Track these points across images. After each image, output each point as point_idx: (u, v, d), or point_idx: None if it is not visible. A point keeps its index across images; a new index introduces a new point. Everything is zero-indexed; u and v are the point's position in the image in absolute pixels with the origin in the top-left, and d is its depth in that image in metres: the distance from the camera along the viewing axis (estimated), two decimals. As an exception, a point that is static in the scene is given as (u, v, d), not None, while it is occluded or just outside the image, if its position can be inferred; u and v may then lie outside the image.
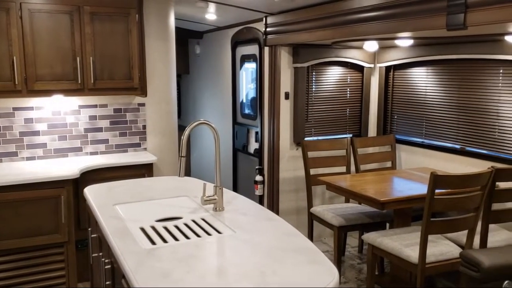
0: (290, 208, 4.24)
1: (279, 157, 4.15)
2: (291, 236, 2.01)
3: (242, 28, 4.62)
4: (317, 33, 3.45)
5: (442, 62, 3.70)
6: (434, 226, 2.70)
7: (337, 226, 3.41)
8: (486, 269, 2.32)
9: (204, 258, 1.82)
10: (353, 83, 4.38)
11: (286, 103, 4.14)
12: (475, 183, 2.71)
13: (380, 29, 2.89)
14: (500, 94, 3.26)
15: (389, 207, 2.99)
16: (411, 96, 4.03)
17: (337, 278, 1.64)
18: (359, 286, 3.41)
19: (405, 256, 2.79)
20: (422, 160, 3.90)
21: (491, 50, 3.22)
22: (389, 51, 4.12)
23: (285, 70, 4.09)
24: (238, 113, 4.88)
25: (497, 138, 3.30)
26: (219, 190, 2.33)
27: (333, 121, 4.35)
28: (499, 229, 3.13)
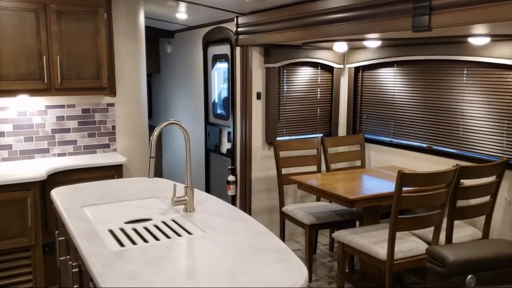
0: (263, 208, 4.26)
1: (252, 157, 4.16)
2: (261, 236, 2.02)
3: (213, 28, 4.61)
4: (288, 33, 3.48)
5: (409, 63, 3.79)
6: (402, 223, 2.76)
7: (308, 224, 3.45)
8: (451, 264, 2.39)
9: (173, 259, 1.81)
10: (324, 83, 4.43)
11: (258, 103, 4.15)
12: (441, 181, 2.79)
13: (349, 30, 2.94)
14: (464, 94, 3.36)
15: (358, 205, 3.05)
16: (379, 96, 4.11)
17: (306, 276, 1.66)
18: (330, 283, 3.45)
19: (374, 253, 2.85)
20: (391, 158, 3.99)
21: (455, 51, 3.31)
22: (358, 52, 4.19)
23: (257, 70, 4.10)
24: (211, 113, 4.87)
25: (461, 137, 3.41)
26: (190, 191, 2.32)
27: (304, 121, 4.39)
28: (464, 225, 3.22)
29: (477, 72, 3.27)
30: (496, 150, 3.17)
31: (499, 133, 3.14)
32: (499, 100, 3.13)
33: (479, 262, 2.46)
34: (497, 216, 3.14)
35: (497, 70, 3.12)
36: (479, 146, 3.28)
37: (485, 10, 2.12)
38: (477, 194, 2.98)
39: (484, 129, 3.24)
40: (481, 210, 3.01)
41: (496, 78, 3.14)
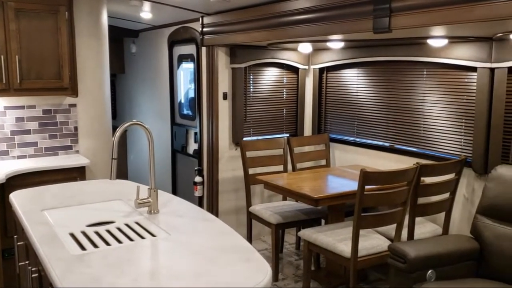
0: (230, 208, 4.26)
1: (218, 157, 4.15)
2: (226, 236, 2.02)
3: (178, 28, 4.57)
4: (253, 34, 3.49)
5: (371, 64, 3.87)
6: (365, 221, 2.82)
7: (275, 224, 3.47)
8: (412, 260, 2.46)
9: (136, 261, 1.78)
10: (289, 84, 4.47)
11: (224, 104, 4.15)
12: (402, 179, 2.86)
13: (312, 31, 2.98)
14: (424, 94, 3.47)
15: (323, 203, 3.09)
16: (343, 96, 4.18)
17: (269, 275, 1.66)
18: (296, 282, 3.48)
19: (338, 251, 2.89)
20: (354, 157, 4.06)
21: (415, 52, 3.41)
22: (322, 53, 4.25)
23: (223, 71, 4.10)
24: (177, 113, 4.83)
25: (422, 136, 3.51)
26: (154, 193, 2.29)
27: (271, 121, 4.42)
28: (425, 222, 3.32)
29: (436, 73, 3.37)
30: (455, 148, 3.28)
31: (457, 132, 3.25)
32: (457, 100, 3.24)
33: (438, 257, 2.54)
34: (456, 213, 3.25)
35: (455, 71, 3.23)
36: (439, 145, 3.38)
37: (442, 13, 2.20)
38: (437, 192, 3.07)
39: (444, 128, 3.34)
40: (441, 207, 3.11)
41: (454, 78, 3.25)
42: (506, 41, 2.82)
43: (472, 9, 2.07)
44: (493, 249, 2.61)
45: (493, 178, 2.71)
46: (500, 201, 2.64)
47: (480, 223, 2.72)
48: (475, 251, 2.66)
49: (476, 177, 3.12)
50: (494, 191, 2.68)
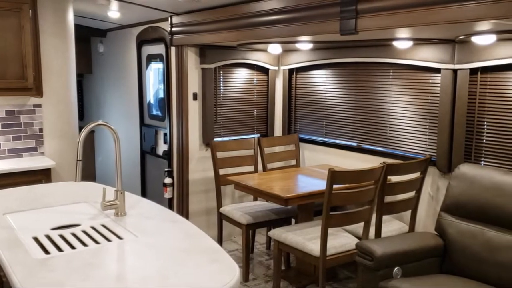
0: (200, 209, 4.24)
1: (189, 158, 4.12)
2: (194, 237, 2.01)
3: (147, 27, 4.52)
4: (222, 34, 3.48)
5: (340, 65, 3.92)
6: (333, 219, 2.85)
7: (245, 224, 3.47)
8: (379, 258, 2.51)
9: (102, 265, 1.75)
10: (259, 84, 4.48)
11: (194, 104, 4.12)
12: (369, 178, 2.91)
13: (282, 32, 2.99)
14: (391, 95, 3.54)
15: (292, 203, 3.11)
16: (312, 97, 4.22)
17: (237, 276, 1.66)
18: (267, 282, 3.49)
19: (307, 250, 2.92)
20: (324, 157, 4.11)
21: (382, 54, 3.48)
22: (292, 54, 4.28)
23: (193, 71, 4.07)
24: (146, 114, 4.77)
25: (388, 135, 3.58)
26: (121, 195, 2.25)
27: (241, 122, 4.42)
28: (392, 220, 3.39)
29: (401, 74, 3.45)
30: (420, 148, 3.36)
31: (422, 132, 3.34)
32: (422, 100, 3.32)
33: (404, 254, 2.60)
34: (422, 211, 3.33)
35: (420, 72, 3.31)
36: (405, 144, 3.46)
37: (407, 15, 2.25)
38: (403, 190, 3.14)
39: (409, 128, 3.42)
40: (407, 205, 3.18)
41: (419, 79, 3.33)
42: (468, 43, 2.91)
43: (435, 12, 2.13)
44: (456, 245, 2.69)
45: (456, 176, 2.80)
46: (463, 199, 2.72)
47: (444, 220, 2.80)
48: (439, 247, 2.74)
49: (440, 176, 3.21)
50: (457, 189, 2.76)
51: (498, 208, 2.56)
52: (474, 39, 2.75)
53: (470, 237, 2.64)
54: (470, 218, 2.69)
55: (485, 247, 2.57)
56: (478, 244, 2.60)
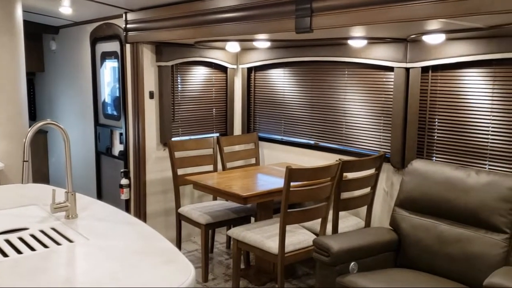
0: (159, 210, 4.16)
1: (146, 158, 4.04)
2: (149, 239, 1.96)
3: (101, 24, 4.39)
4: (178, 32, 3.43)
5: (297, 64, 3.95)
6: (291, 216, 2.87)
7: (204, 224, 3.43)
8: (335, 253, 2.54)
9: (50, 269, 1.67)
10: (218, 83, 4.45)
11: (151, 103, 4.04)
12: (325, 175, 2.95)
13: (238, 30, 2.98)
14: (346, 93, 3.60)
15: (251, 201, 3.11)
16: (271, 96, 4.23)
17: (193, 276, 1.63)
18: (226, 281, 3.47)
19: (266, 248, 2.92)
20: (282, 155, 4.13)
21: (337, 53, 3.53)
22: (250, 52, 4.27)
23: (149, 69, 3.99)
24: (101, 113, 4.63)
25: (344, 133, 3.64)
26: (71, 196, 2.17)
27: (200, 121, 4.37)
28: (349, 216, 3.45)
29: (356, 73, 3.51)
30: (375, 144, 3.43)
31: (377, 129, 3.41)
32: (376, 98, 3.39)
33: (360, 249, 2.65)
34: (377, 206, 3.40)
35: (374, 71, 3.38)
36: (360, 142, 3.53)
37: (359, 13, 2.29)
38: (359, 186, 3.20)
39: (364, 126, 3.49)
40: (363, 201, 3.24)
41: (374, 78, 3.40)
42: (419, 42, 3.00)
43: (387, 10, 2.17)
44: (410, 239, 2.76)
45: (409, 172, 2.87)
46: (415, 194, 2.80)
47: (398, 215, 2.87)
48: (394, 242, 2.81)
49: (394, 172, 3.29)
50: (410, 184, 2.84)
51: (449, 202, 2.65)
52: (425, 38, 2.83)
53: (423, 231, 2.72)
54: (423, 213, 2.77)
55: (437, 240, 2.65)
56: (431, 238, 2.68)
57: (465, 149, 2.95)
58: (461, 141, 2.96)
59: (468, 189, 2.58)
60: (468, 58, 2.81)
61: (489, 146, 2.83)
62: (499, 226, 2.47)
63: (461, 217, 2.60)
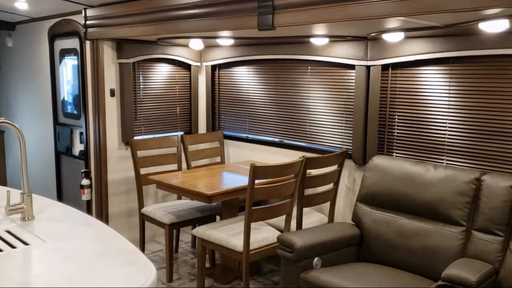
0: (121, 211, 4.07)
1: (107, 158, 3.94)
2: (109, 240, 1.91)
3: (60, 20, 4.26)
4: (140, 28, 3.37)
5: (261, 61, 3.96)
6: (256, 214, 2.87)
7: (168, 224, 3.39)
8: (299, 249, 2.56)
9: (4, 273, 1.60)
10: (182, 81, 4.40)
11: (112, 101, 3.95)
12: (289, 172, 2.96)
13: (201, 27, 2.95)
14: (309, 91, 3.63)
15: (216, 199, 3.09)
16: (235, 94, 4.22)
17: (154, 276, 1.60)
18: (191, 281, 3.44)
19: (231, 246, 2.91)
20: (248, 153, 4.13)
21: (301, 51, 3.55)
22: (214, 50, 4.25)
23: (109, 66, 3.90)
24: (60, 112, 4.49)
25: (308, 130, 3.67)
26: (27, 197, 2.09)
27: (164, 119, 4.31)
28: (313, 212, 3.48)
29: (319, 71, 3.55)
30: (337, 141, 3.48)
31: (339, 126, 3.46)
32: (339, 96, 3.44)
33: (323, 245, 2.68)
34: (340, 202, 3.45)
35: (336, 69, 3.43)
36: (323, 139, 3.57)
37: (320, 11, 2.31)
38: (322, 183, 3.23)
39: (327, 123, 3.53)
40: (326, 197, 3.28)
41: (336, 76, 3.45)
42: (379, 40, 3.06)
43: (346, 8, 2.20)
44: (371, 234, 2.82)
45: (370, 168, 2.93)
46: (376, 189, 2.85)
47: (360, 210, 2.92)
48: (356, 237, 2.85)
49: (356, 168, 3.35)
50: (371, 180, 2.89)
51: (408, 196, 2.71)
52: (384, 37, 2.89)
53: (384, 226, 2.78)
54: (384, 207, 2.84)
55: (397, 234, 2.72)
56: (391, 232, 2.74)
57: (424, 145, 3.03)
58: (420, 137, 3.05)
59: (427, 183, 2.65)
60: (426, 56, 2.89)
61: (447, 142, 2.93)
62: (456, 219, 2.55)
63: (420, 211, 2.68)
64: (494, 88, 2.71)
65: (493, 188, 2.45)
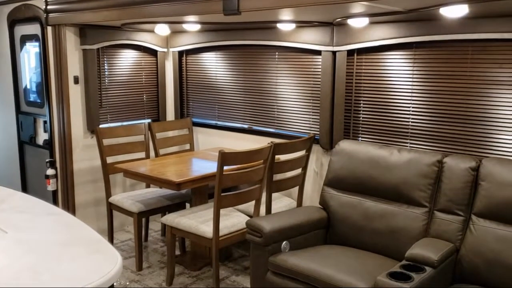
0: (88, 201, 4.00)
1: (72, 147, 3.85)
2: (73, 229, 1.89)
3: (20, 5, 4.10)
4: (103, 13, 3.28)
5: (229, 47, 3.93)
6: (225, 200, 2.88)
7: (136, 212, 3.36)
8: (267, 234, 2.58)
9: (-38, 267, 1.56)
10: (148, 67, 4.33)
11: (76, 88, 3.85)
12: (258, 158, 2.98)
13: (166, 12, 2.90)
14: (277, 77, 3.64)
15: (185, 187, 3.07)
16: (203, 80, 4.19)
17: (119, 264, 1.60)
18: (161, 268, 3.43)
19: (200, 233, 2.91)
20: (217, 140, 4.12)
21: (268, 36, 3.54)
22: (181, 35, 4.18)
23: (73, 52, 3.79)
24: (22, 101, 4.35)
25: (276, 116, 3.69)
26: (-13, 188, 2.03)
27: (130, 106, 4.24)
28: (282, 197, 3.52)
29: (286, 56, 3.55)
30: (305, 127, 3.51)
31: (306, 112, 3.48)
32: (306, 81, 3.46)
33: (292, 228, 2.71)
34: (308, 186, 3.50)
35: (303, 54, 3.44)
36: (291, 124, 3.59)
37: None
38: (290, 168, 3.26)
39: (295, 109, 3.55)
40: (295, 182, 3.32)
41: (303, 61, 3.46)
42: (345, 26, 3.08)
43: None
44: (338, 216, 2.87)
45: (337, 152, 2.97)
46: (343, 173, 2.90)
47: (327, 194, 2.97)
48: (323, 220, 2.90)
49: (323, 153, 3.39)
50: (338, 164, 2.94)
51: (374, 179, 2.77)
52: (350, 22, 2.91)
53: (350, 208, 2.84)
54: (350, 190, 2.89)
55: (363, 216, 2.78)
56: (357, 214, 2.80)
57: (389, 129, 3.09)
58: (384, 121, 3.10)
59: (391, 166, 2.72)
60: (390, 41, 2.93)
61: (410, 125, 3.00)
62: (419, 201, 2.63)
63: (385, 193, 2.74)
64: (455, 72, 2.78)
65: (454, 170, 2.53)
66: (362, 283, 2.27)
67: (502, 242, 2.30)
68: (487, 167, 2.44)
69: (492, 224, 2.38)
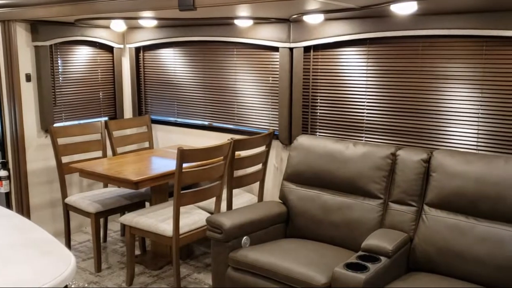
0: (44, 202, 3.88)
1: (25, 147, 3.72)
2: (24, 231, 1.83)
3: (-36, -1, 3.91)
4: (55, 8, 3.17)
5: (187, 44, 3.90)
6: (185, 198, 2.86)
7: (94, 213, 3.28)
8: (227, 230, 2.59)
9: None
10: (104, 64, 4.23)
11: (28, 86, 3.72)
12: (218, 154, 2.98)
13: (120, 7, 2.84)
14: (236, 73, 3.64)
15: (143, 185, 3.03)
16: (162, 77, 4.14)
17: (73, 265, 1.56)
18: (121, 269, 3.37)
19: (160, 231, 2.89)
20: (177, 137, 4.08)
21: (226, 33, 3.54)
22: (138, 31, 4.12)
23: (24, 49, 3.65)
24: (-30, 100, 4.16)
25: (236, 113, 3.69)
26: None
27: (86, 104, 4.13)
28: (243, 193, 3.53)
29: (245, 53, 3.56)
30: (264, 123, 3.54)
31: (265, 108, 3.51)
32: (264, 78, 3.48)
33: (252, 223, 2.73)
34: (269, 181, 3.53)
35: (261, 51, 3.46)
36: (251, 121, 3.61)
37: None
38: (251, 163, 3.28)
39: (254, 105, 3.57)
40: (255, 178, 3.34)
41: (261, 58, 3.48)
42: (301, 22, 3.12)
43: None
44: (297, 210, 2.91)
45: (295, 147, 3.01)
46: (301, 167, 2.94)
47: (286, 188, 3.00)
48: (283, 214, 2.94)
49: (283, 148, 3.43)
50: (296, 158, 2.98)
51: (331, 173, 2.83)
52: (305, 19, 2.95)
53: (309, 202, 2.89)
54: (308, 184, 2.94)
55: (321, 209, 2.83)
56: (316, 208, 2.85)
57: (345, 123, 3.16)
58: (340, 116, 3.17)
59: (347, 160, 2.78)
60: (345, 37, 3.00)
61: (365, 120, 3.07)
62: (374, 193, 2.70)
63: (342, 186, 2.80)
64: (407, 67, 2.87)
65: (407, 162, 2.62)
66: (320, 275, 2.31)
67: (452, 230, 2.41)
68: (437, 158, 2.54)
69: (442, 213, 2.48)
